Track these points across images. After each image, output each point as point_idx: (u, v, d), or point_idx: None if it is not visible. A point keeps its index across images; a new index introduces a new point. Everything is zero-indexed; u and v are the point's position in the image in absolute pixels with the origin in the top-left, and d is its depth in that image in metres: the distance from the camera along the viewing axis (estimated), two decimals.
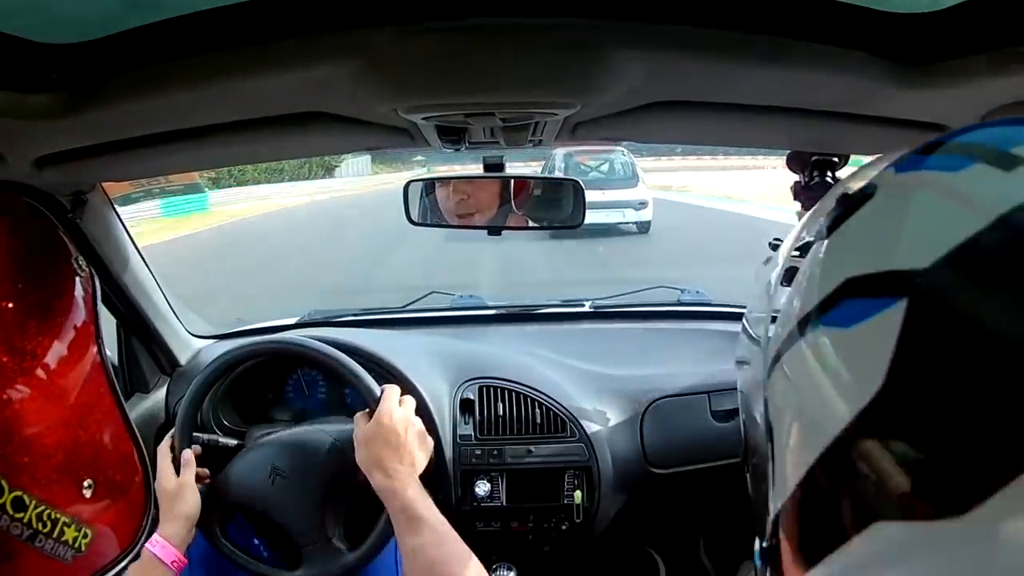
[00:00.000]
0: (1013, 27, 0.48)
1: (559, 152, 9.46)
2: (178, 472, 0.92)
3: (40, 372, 0.80)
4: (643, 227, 9.51)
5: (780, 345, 0.34)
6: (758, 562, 0.38)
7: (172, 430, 0.96)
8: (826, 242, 0.33)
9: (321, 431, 0.99)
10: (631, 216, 9.23)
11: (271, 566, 0.97)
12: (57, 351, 0.83)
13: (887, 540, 0.26)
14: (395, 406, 0.87)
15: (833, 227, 0.33)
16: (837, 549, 0.28)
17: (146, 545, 0.86)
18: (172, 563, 0.85)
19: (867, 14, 0.50)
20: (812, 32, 0.52)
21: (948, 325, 0.25)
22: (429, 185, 1.09)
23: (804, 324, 0.32)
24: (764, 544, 0.37)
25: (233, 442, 1.03)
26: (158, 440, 0.97)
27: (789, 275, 0.41)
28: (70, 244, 0.89)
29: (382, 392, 0.89)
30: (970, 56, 0.50)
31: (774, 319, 0.38)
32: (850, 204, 0.32)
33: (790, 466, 0.33)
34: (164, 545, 0.86)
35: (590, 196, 1.11)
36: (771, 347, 0.36)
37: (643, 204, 9.28)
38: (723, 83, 0.61)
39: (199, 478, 0.93)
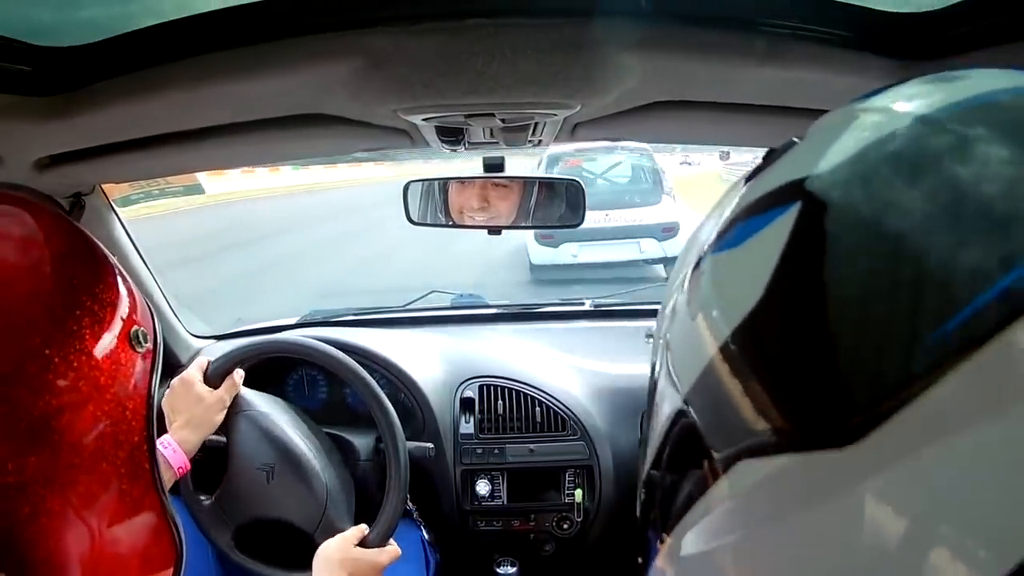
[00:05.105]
0: (1012, 24, 0.48)
1: (544, 155, 5.65)
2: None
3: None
4: None
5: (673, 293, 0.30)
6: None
7: (210, 358, 0.94)
8: (742, 189, 0.28)
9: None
10: (651, 250, 5.31)
11: (289, 569, 0.95)
12: None
13: (754, 482, 0.21)
14: None
15: (751, 177, 0.28)
16: (694, 505, 0.24)
17: (157, 444, 0.80)
18: (178, 469, 0.81)
19: (867, 13, 0.50)
20: (812, 32, 0.52)
21: (839, 227, 0.21)
22: (441, 184, 1.08)
23: (699, 260, 0.27)
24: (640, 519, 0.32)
25: (224, 439, 1.01)
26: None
27: None
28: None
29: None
30: (970, 53, 0.51)
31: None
32: (772, 154, 0.28)
33: (659, 420, 0.28)
34: (176, 449, 0.81)
35: (589, 220, 1.05)
36: (667, 298, 0.31)
37: (670, 231, 5.31)
38: (723, 83, 0.61)
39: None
